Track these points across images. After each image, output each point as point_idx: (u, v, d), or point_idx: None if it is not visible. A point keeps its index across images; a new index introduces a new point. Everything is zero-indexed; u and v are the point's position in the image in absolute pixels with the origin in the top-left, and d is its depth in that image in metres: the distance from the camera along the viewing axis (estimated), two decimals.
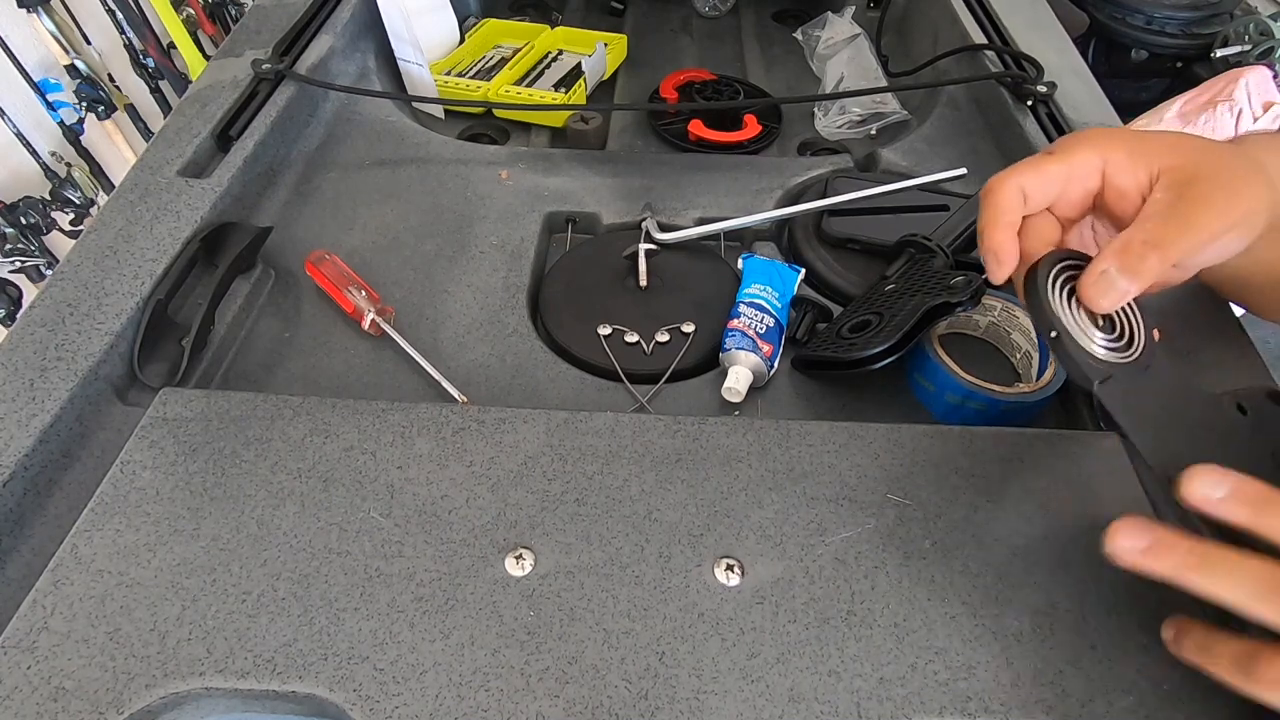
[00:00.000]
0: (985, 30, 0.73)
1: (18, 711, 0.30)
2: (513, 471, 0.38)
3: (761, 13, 0.94)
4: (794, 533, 0.36)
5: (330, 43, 0.68)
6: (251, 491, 0.37)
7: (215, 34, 1.58)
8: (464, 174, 0.61)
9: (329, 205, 0.58)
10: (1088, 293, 0.31)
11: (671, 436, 0.39)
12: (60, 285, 0.46)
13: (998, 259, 0.33)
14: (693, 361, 0.49)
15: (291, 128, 0.62)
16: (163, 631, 0.32)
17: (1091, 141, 0.33)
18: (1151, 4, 1.27)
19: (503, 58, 0.78)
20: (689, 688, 0.31)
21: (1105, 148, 0.33)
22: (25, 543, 0.37)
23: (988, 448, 0.39)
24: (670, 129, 0.71)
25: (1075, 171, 0.33)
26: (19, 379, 0.41)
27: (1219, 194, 0.30)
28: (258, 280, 0.52)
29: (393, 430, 0.39)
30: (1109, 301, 0.31)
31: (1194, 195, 0.31)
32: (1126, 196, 0.33)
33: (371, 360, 0.48)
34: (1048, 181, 0.33)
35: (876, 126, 0.72)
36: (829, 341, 0.46)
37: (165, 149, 0.56)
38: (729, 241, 0.58)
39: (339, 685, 0.31)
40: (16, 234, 1.31)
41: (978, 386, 0.42)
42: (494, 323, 0.50)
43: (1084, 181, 0.33)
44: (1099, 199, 0.34)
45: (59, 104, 1.36)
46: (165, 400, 0.41)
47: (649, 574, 0.34)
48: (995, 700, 0.31)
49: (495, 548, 0.35)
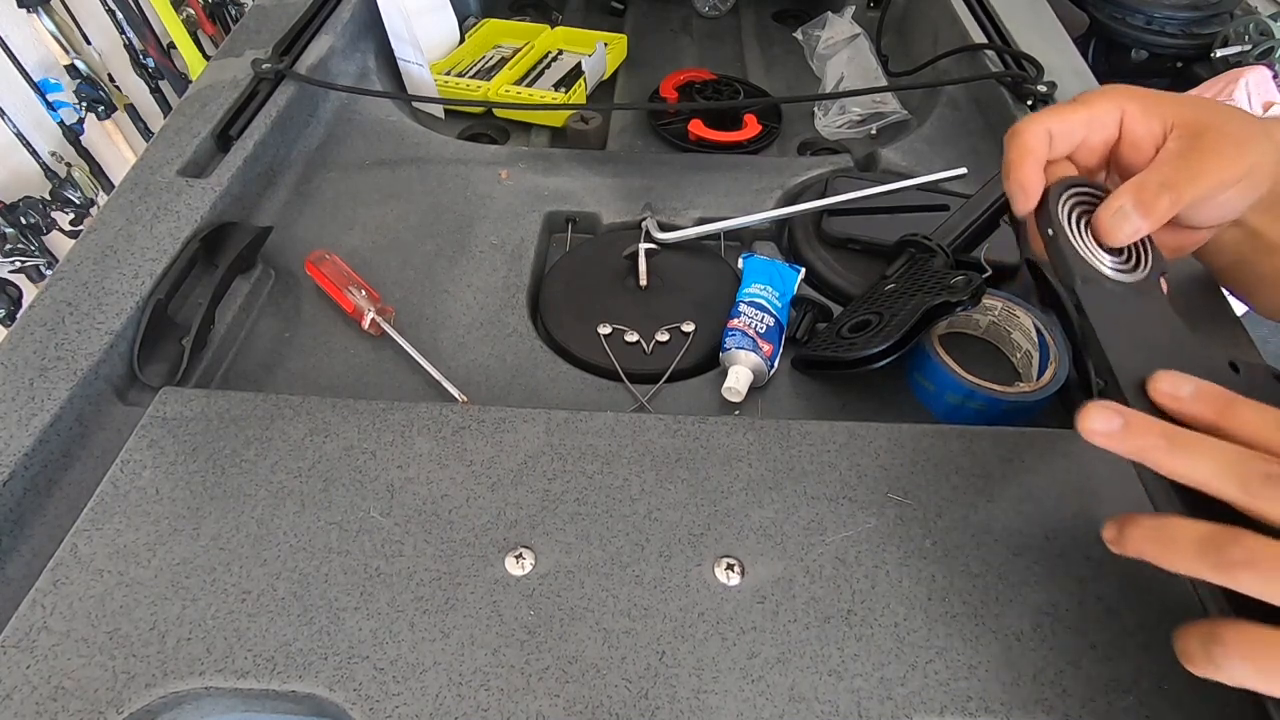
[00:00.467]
0: (985, 30, 0.73)
1: (17, 711, 0.30)
2: (513, 471, 0.38)
3: (761, 13, 0.94)
4: (794, 532, 0.36)
5: (330, 43, 0.68)
6: (251, 491, 0.37)
7: (215, 34, 1.58)
8: (464, 174, 0.61)
9: (329, 205, 0.58)
10: (1104, 225, 0.33)
11: (671, 436, 0.39)
12: (60, 285, 0.46)
13: (1024, 191, 0.35)
14: (693, 361, 0.49)
15: (291, 128, 0.62)
16: (163, 631, 0.32)
17: (1110, 94, 0.35)
18: (1151, 4, 1.27)
19: (503, 58, 0.78)
20: (689, 687, 0.31)
21: (1123, 100, 0.35)
22: (25, 543, 0.37)
23: (988, 448, 0.39)
24: (670, 129, 0.71)
25: (1096, 119, 0.35)
26: (19, 379, 0.41)
27: (1227, 144, 0.33)
28: (258, 280, 0.52)
29: (393, 430, 0.39)
30: (1123, 235, 0.33)
31: (1204, 144, 0.33)
32: (1140, 148, 0.35)
33: (371, 360, 0.48)
34: (1072, 127, 0.35)
35: (876, 126, 0.72)
36: (829, 341, 0.46)
37: (165, 149, 0.56)
38: (729, 241, 0.58)
39: (339, 685, 0.31)
40: (16, 234, 1.31)
41: (978, 386, 0.42)
42: (494, 322, 0.50)
43: (1103, 130, 0.35)
44: (1115, 151, 0.36)
45: (59, 104, 1.36)
46: (165, 400, 0.41)
47: (649, 574, 0.34)
48: (995, 700, 0.31)
49: (495, 547, 0.35)
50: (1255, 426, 0.27)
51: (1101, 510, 0.36)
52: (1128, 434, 0.27)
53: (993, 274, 0.45)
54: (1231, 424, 0.27)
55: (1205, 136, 0.33)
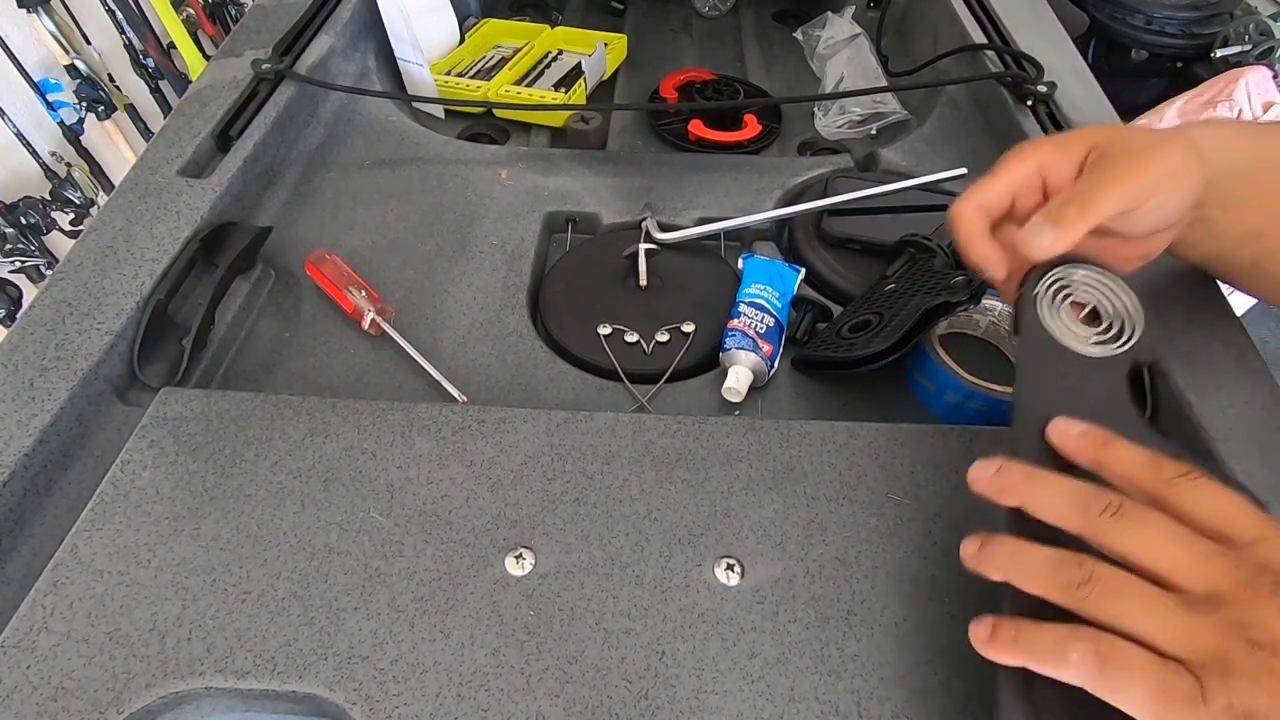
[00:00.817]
0: (985, 30, 0.73)
1: (18, 711, 0.30)
2: (513, 471, 0.38)
3: (761, 13, 0.94)
4: (794, 532, 0.36)
5: (330, 43, 0.68)
6: (251, 491, 0.37)
7: (215, 34, 1.58)
8: (464, 174, 0.61)
9: (329, 205, 0.58)
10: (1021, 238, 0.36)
11: (671, 436, 0.39)
12: (60, 285, 0.46)
13: (988, 263, 0.38)
14: (693, 361, 0.49)
15: (291, 128, 0.62)
16: (163, 631, 0.32)
17: (1024, 153, 0.38)
18: (1151, 4, 1.27)
19: (503, 58, 0.78)
20: (689, 687, 0.31)
21: (1035, 154, 0.37)
22: (25, 543, 0.37)
23: (988, 448, 0.39)
24: (670, 129, 0.71)
25: (1017, 182, 0.38)
26: (19, 379, 0.41)
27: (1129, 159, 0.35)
28: (258, 280, 0.52)
29: (393, 430, 0.39)
30: (1038, 247, 0.35)
31: (1107, 162, 0.36)
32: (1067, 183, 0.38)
33: (371, 360, 0.48)
34: (997, 197, 0.38)
35: (876, 126, 0.72)
36: (829, 341, 0.46)
37: (165, 149, 0.56)
38: (729, 241, 0.58)
39: (339, 685, 0.31)
40: (16, 234, 1.31)
41: (978, 386, 0.42)
42: (494, 323, 0.50)
43: (1030, 190, 0.38)
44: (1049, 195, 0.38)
45: (59, 104, 1.36)
46: (165, 400, 0.41)
47: (649, 574, 0.34)
48: None
49: (495, 547, 0.35)
50: (1126, 464, 0.29)
51: None
52: (996, 476, 0.29)
53: None
54: (1107, 460, 0.29)
55: (1109, 155, 0.36)
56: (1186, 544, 0.26)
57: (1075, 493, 0.28)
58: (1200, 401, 0.41)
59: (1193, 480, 0.28)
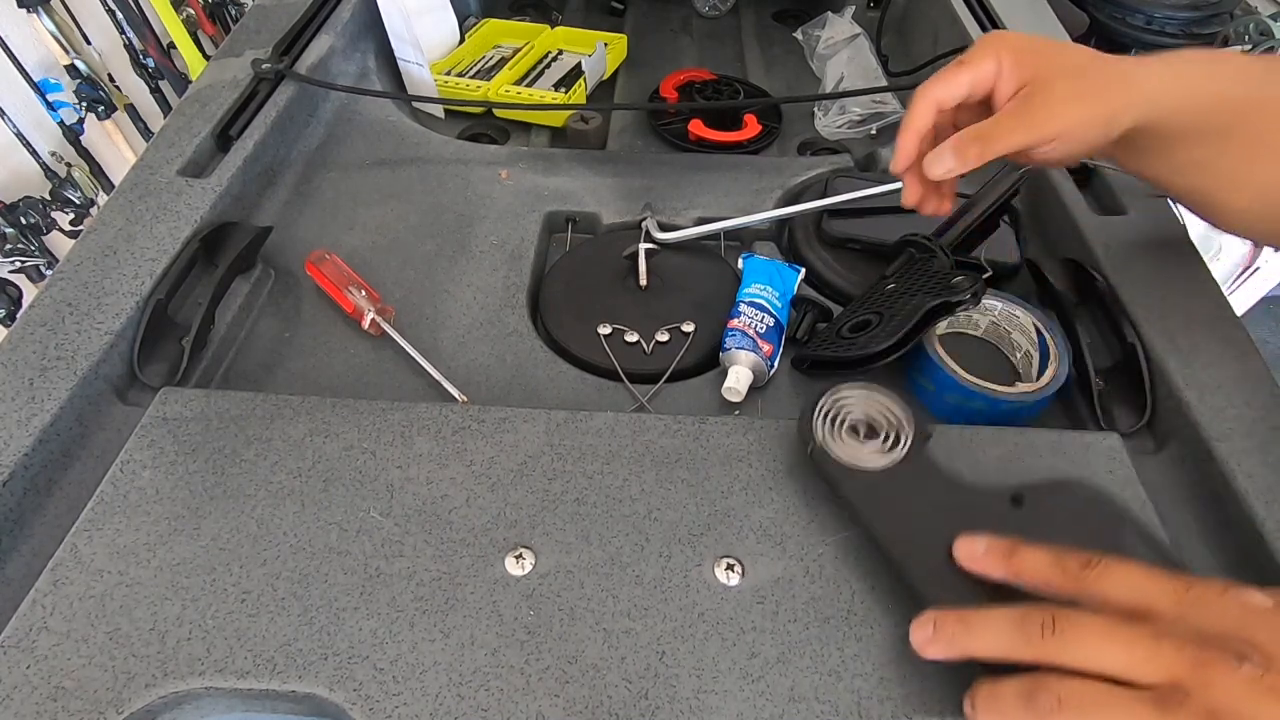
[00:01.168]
0: (985, 30, 0.73)
1: (18, 711, 0.30)
2: (513, 471, 0.38)
3: (761, 13, 0.94)
4: (794, 532, 0.36)
5: (330, 43, 0.68)
6: (251, 491, 0.37)
7: (215, 34, 1.58)
8: (464, 174, 0.61)
9: (329, 205, 0.58)
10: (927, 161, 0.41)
11: (671, 436, 0.39)
12: (60, 285, 0.46)
13: (899, 156, 0.43)
14: (693, 361, 0.49)
15: (291, 128, 0.62)
16: (163, 631, 0.32)
17: (989, 46, 0.41)
18: (1151, 4, 1.27)
19: (503, 58, 0.78)
20: (689, 687, 0.31)
21: (1000, 51, 0.40)
22: (25, 543, 0.37)
23: (988, 448, 0.39)
24: (670, 129, 0.71)
25: (977, 78, 0.41)
26: (19, 379, 0.41)
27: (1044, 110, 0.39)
28: (258, 280, 0.52)
29: (393, 430, 0.39)
30: (938, 171, 0.40)
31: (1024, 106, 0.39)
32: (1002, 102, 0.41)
33: (371, 360, 0.48)
34: (955, 91, 0.41)
35: (876, 126, 0.72)
36: (829, 341, 0.46)
37: (165, 149, 0.56)
38: (729, 241, 0.58)
39: (339, 685, 0.31)
40: (16, 234, 1.31)
41: (978, 386, 0.42)
42: (494, 322, 0.50)
43: (985, 83, 0.41)
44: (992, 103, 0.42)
45: (59, 104, 1.36)
46: (165, 400, 0.41)
47: (649, 574, 0.34)
48: None
49: (495, 547, 0.35)
50: (1033, 570, 0.30)
51: None
52: (938, 634, 0.29)
53: (993, 274, 0.45)
54: (1018, 571, 0.30)
55: (1032, 99, 0.39)
56: (1127, 643, 0.26)
57: (1010, 621, 0.28)
58: (1200, 401, 0.41)
59: (1097, 569, 0.29)
